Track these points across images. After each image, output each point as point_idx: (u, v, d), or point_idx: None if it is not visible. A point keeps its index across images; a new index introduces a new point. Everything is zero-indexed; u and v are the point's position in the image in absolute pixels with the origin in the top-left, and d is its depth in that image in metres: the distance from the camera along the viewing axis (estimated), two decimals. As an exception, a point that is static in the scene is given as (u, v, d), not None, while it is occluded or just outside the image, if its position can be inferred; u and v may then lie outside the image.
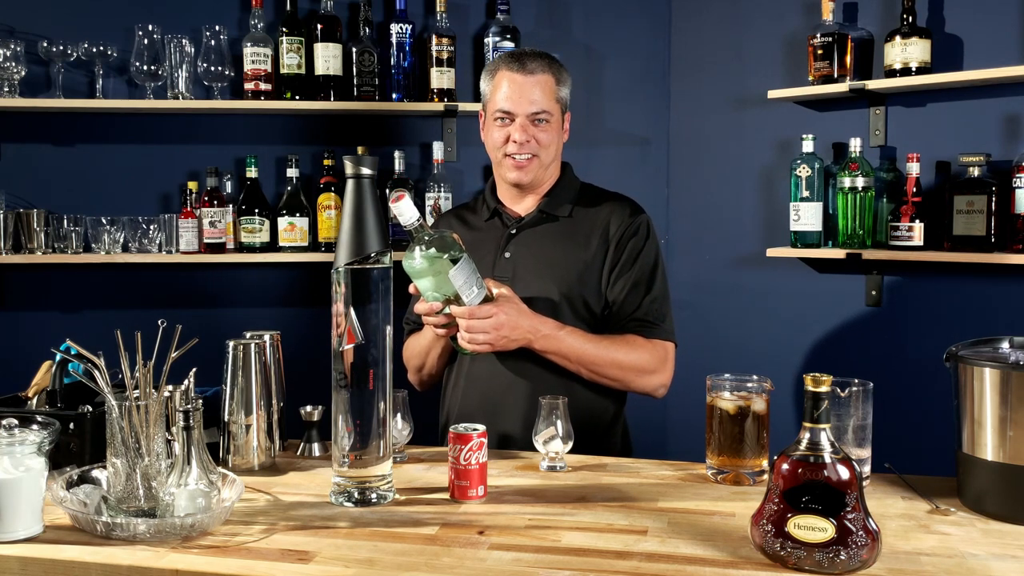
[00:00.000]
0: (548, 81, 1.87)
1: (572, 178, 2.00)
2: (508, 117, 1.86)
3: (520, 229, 1.93)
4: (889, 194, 2.61)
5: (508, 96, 1.85)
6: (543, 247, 1.89)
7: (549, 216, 1.92)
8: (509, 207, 1.97)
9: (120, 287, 2.83)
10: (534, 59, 1.87)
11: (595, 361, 1.80)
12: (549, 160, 1.90)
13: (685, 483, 1.51)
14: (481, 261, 1.79)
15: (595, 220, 1.91)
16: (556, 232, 1.91)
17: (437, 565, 1.15)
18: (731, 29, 2.88)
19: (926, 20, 2.54)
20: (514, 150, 1.86)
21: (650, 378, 1.85)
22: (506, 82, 1.86)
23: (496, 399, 1.86)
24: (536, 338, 1.75)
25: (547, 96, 1.86)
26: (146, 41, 2.69)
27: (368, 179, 1.39)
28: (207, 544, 1.22)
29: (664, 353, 1.86)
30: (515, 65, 1.86)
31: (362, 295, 1.38)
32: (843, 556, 1.11)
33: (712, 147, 2.93)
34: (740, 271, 2.89)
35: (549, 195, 1.94)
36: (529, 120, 1.85)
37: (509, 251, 1.91)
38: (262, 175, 2.80)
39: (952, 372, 1.38)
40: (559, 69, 1.91)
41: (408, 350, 2.00)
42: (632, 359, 1.82)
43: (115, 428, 1.32)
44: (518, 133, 1.85)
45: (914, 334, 2.61)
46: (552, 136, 1.88)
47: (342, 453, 1.40)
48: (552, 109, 1.87)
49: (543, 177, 1.92)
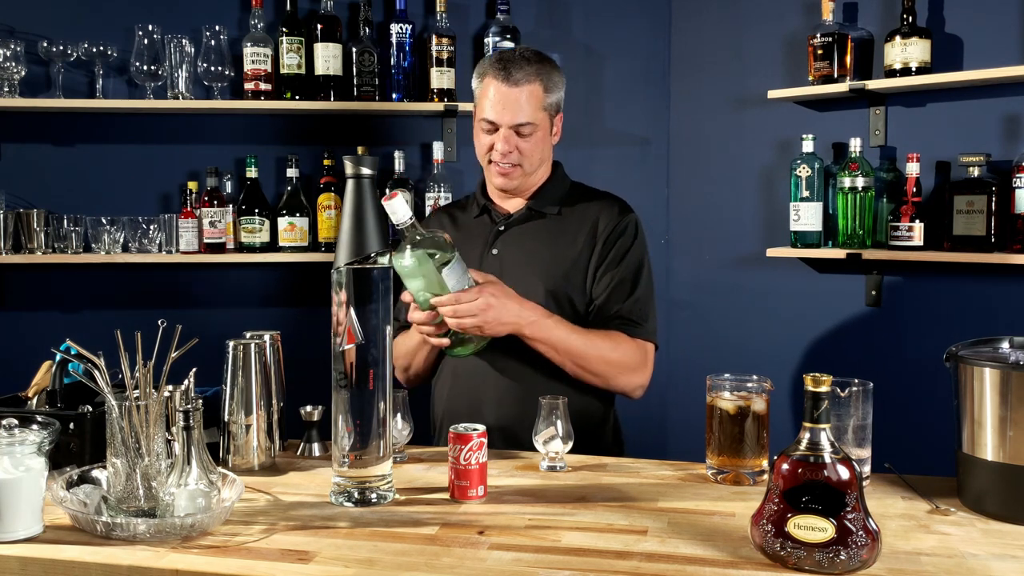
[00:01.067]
0: (535, 91, 1.84)
1: (562, 177, 1.99)
2: (492, 126, 1.85)
3: (508, 226, 1.93)
4: (889, 194, 2.61)
5: (493, 106, 1.83)
6: (530, 244, 1.90)
7: (537, 214, 1.92)
8: (498, 204, 1.97)
9: (120, 287, 2.83)
10: (522, 67, 1.83)
11: (581, 354, 1.79)
12: (533, 167, 1.90)
13: (685, 483, 1.51)
14: (468, 257, 1.79)
15: (583, 218, 1.91)
16: (544, 230, 1.91)
17: (437, 565, 1.15)
18: (731, 29, 2.88)
19: (926, 20, 2.54)
20: (497, 158, 1.86)
21: (631, 376, 1.85)
22: (492, 90, 1.84)
23: (481, 396, 1.86)
24: (525, 323, 1.73)
25: (533, 106, 1.84)
26: (146, 41, 2.69)
27: (368, 179, 1.39)
28: (207, 544, 1.22)
29: (645, 353, 1.86)
30: (502, 74, 1.82)
31: (362, 295, 1.38)
32: (843, 556, 1.11)
33: (712, 147, 2.93)
34: (740, 271, 2.89)
35: (538, 194, 1.94)
36: (513, 131, 1.84)
37: (496, 248, 1.91)
38: (262, 175, 2.80)
39: (952, 372, 1.38)
40: (549, 73, 1.87)
41: (395, 350, 2.00)
42: (617, 355, 1.82)
43: (115, 428, 1.32)
44: (501, 143, 1.84)
45: (914, 334, 2.61)
46: (536, 145, 1.87)
47: (342, 453, 1.40)
48: (537, 119, 1.85)
49: (528, 182, 1.92)
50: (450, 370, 1.93)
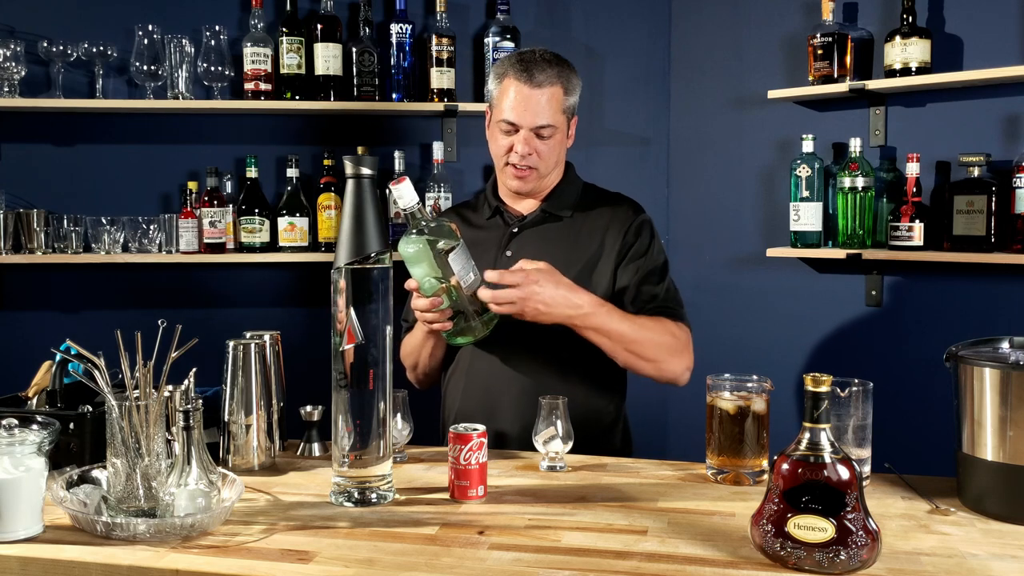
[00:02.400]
0: (556, 93, 1.83)
1: (575, 179, 1.99)
2: (513, 128, 1.84)
3: (522, 228, 1.92)
4: (889, 194, 2.61)
5: (514, 107, 1.82)
6: (545, 247, 1.89)
7: (551, 216, 1.92)
8: (511, 206, 1.96)
9: (120, 287, 2.83)
10: (544, 68, 1.82)
11: (635, 339, 1.74)
12: (549, 170, 1.89)
13: (685, 483, 1.51)
14: (482, 259, 1.78)
15: (597, 221, 1.91)
16: (558, 232, 1.90)
17: (437, 565, 1.15)
18: (731, 29, 2.88)
19: (926, 20, 2.54)
20: (516, 160, 1.84)
21: (680, 359, 1.80)
22: (513, 91, 1.82)
23: (495, 396, 1.86)
24: (577, 315, 1.69)
25: (554, 109, 1.83)
26: (146, 41, 2.69)
27: (368, 179, 1.39)
28: (207, 544, 1.22)
29: (687, 337, 1.83)
30: (524, 75, 1.81)
31: (362, 295, 1.38)
32: (843, 556, 1.11)
33: (712, 147, 2.93)
34: (740, 271, 2.89)
35: (551, 195, 1.94)
36: (533, 133, 1.83)
37: (511, 250, 1.90)
38: (262, 175, 2.80)
39: (952, 372, 1.38)
40: (569, 76, 1.86)
41: (403, 348, 2.00)
42: (667, 339, 1.78)
43: (115, 428, 1.32)
44: (521, 145, 1.83)
45: (914, 334, 2.61)
46: (555, 148, 1.86)
47: (342, 453, 1.40)
48: (557, 122, 1.84)
49: (542, 185, 1.92)
50: (463, 371, 1.92)
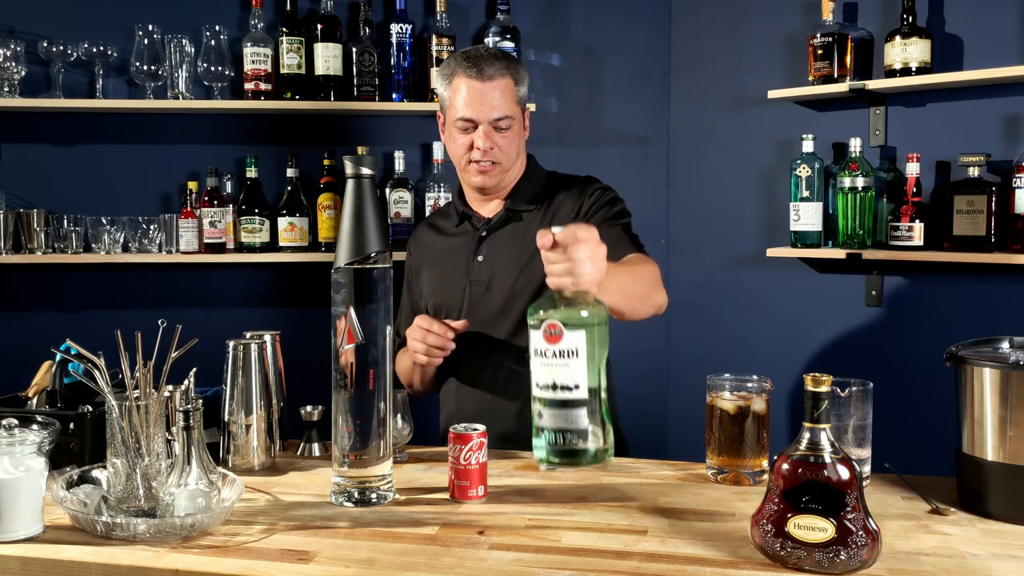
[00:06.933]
0: (508, 85, 1.84)
1: (537, 171, 1.99)
2: (471, 124, 1.84)
3: (490, 231, 1.93)
4: (889, 194, 2.61)
5: (468, 103, 1.82)
6: (514, 245, 1.89)
7: (515, 214, 1.92)
8: (476, 210, 1.97)
9: (120, 287, 2.83)
10: (491, 62, 1.83)
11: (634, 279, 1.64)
12: (512, 162, 1.90)
13: (685, 483, 1.51)
14: (456, 266, 1.78)
15: (559, 208, 1.90)
16: (524, 229, 1.90)
17: (437, 565, 1.15)
18: (731, 29, 2.88)
19: (926, 20, 2.54)
20: (478, 157, 1.84)
21: (662, 289, 1.74)
22: (465, 88, 1.82)
23: (491, 400, 1.86)
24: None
25: (508, 100, 1.83)
26: (146, 41, 2.69)
27: (368, 179, 1.39)
28: (207, 544, 1.23)
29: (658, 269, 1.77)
30: (473, 71, 1.82)
31: (362, 295, 1.38)
32: (843, 556, 1.11)
33: (712, 147, 2.93)
34: (740, 271, 2.89)
35: (514, 193, 1.94)
36: (492, 127, 1.83)
37: (481, 254, 1.91)
38: (262, 175, 2.80)
39: (952, 372, 1.38)
40: (516, 68, 1.88)
41: (397, 366, 1.99)
42: (649, 270, 1.71)
43: (115, 428, 1.32)
44: (482, 140, 1.83)
45: (914, 334, 2.61)
46: (513, 139, 1.87)
47: (342, 453, 1.40)
48: (513, 112, 1.85)
49: (506, 180, 1.92)
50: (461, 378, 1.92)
